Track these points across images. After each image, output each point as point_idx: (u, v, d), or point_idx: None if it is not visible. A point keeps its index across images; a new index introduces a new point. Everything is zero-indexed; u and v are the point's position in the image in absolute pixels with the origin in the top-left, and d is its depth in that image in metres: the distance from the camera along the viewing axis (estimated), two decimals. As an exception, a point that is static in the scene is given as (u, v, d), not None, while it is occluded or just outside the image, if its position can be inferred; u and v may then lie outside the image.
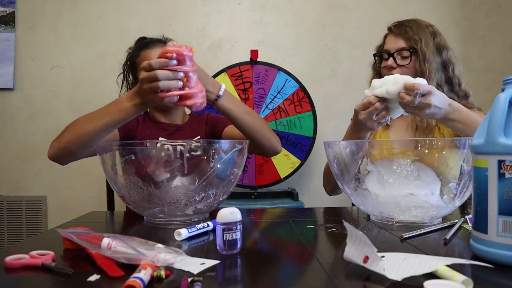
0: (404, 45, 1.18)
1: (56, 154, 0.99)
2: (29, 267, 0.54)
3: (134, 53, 1.27)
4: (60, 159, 1.01)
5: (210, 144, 0.85)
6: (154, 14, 1.97)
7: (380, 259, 0.48)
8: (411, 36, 1.17)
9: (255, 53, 1.79)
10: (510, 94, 0.54)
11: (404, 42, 1.18)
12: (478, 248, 0.55)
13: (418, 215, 0.79)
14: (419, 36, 1.17)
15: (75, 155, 1.00)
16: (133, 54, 1.27)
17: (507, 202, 0.51)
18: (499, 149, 0.52)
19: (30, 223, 1.94)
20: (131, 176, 0.82)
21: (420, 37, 1.17)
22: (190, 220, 0.84)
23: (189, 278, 0.47)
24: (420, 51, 1.15)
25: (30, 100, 1.96)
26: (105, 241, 0.55)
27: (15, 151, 1.94)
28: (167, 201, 0.82)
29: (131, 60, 1.28)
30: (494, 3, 2.04)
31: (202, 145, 0.84)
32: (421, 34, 1.17)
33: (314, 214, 0.96)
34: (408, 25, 1.20)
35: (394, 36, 1.20)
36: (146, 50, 1.23)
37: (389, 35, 1.23)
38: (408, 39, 1.17)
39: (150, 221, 0.86)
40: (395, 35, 1.20)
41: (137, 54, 1.25)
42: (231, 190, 0.90)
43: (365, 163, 0.86)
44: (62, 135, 1.00)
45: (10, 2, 1.95)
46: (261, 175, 1.80)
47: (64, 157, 1.00)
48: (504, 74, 1.93)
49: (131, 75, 1.30)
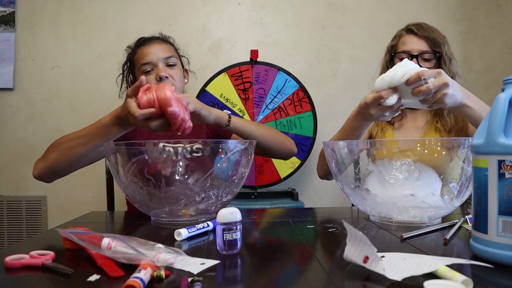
0: (428, 48, 1.17)
1: (42, 173, 1.01)
2: (29, 267, 0.54)
3: (132, 51, 1.27)
4: (46, 178, 1.03)
5: (209, 144, 0.85)
6: (154, 14, 1.97)
7: (380, 259, 0.48)
8: (435, 38, 1.16)
9: (255, 53, 1.79)
10: (510, 94, 0.54)
11: (427, 45, 1.17)
12: (478, 248, 0.55)
13: (416, 215, 0.79)
14: (441, 39, 1.17)
15: (62, 174, 1.02)
16: (131, 53, 1.27)
17: (507, 202, 0.51)
18: (499, 149, 0.52)
19: (30, 223, 1.94)
20: (132, 177, 0.82)
21: (442, 41, 1.17)
22: (197, 220, 0.83)
23: (189, 278, 0.47)
24: (445, 55, 1.15)
25: (30, 100, 1.96)
26: (105, 241, 0.55)
27: (15, 151, 1.95)
28: (167, 202, 0.82)
29: (130, 58, 1.27)
30: (494, 3, 2.04)
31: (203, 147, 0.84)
32: (442, 38, 1.17)
33: (314, 214, 0.96)
34: (427, 27, 1.19)
35: (416, 38, 1.18)
36: (142, 47, 1.21)
37: (409, 36, 1.20)
38: (433, 42, 1.16)
39: (156, 221, 0.86)
40: (418, 36, 1.18)
41: (134, 52, 1.24)
42: (236, 191, 0.89)
43: (366, 163, 0.86)
44: (47, 155, 1.01)
45: (10, 2, 1.95)
46: (261, 175, 1.80)
47: (51, 175, 1.02)
48: (504, 74, 1.93)
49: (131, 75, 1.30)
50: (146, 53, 1.18)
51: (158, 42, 1.23)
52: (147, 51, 1.19)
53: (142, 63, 1.18)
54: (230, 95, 1.78)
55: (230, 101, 1.78)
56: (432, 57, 1.17)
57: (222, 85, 1.78)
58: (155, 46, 1.20)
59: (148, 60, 1.17)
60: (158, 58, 1.18)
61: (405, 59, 0.87)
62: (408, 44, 1.19)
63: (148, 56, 1.18)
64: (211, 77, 1.78)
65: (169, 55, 1.20)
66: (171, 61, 1.20)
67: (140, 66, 1.19)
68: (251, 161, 0.91)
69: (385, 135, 1.27)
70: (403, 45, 1.20)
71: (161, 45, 1.22)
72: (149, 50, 1.19)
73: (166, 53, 1.20)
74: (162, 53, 1.19)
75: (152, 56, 1.17)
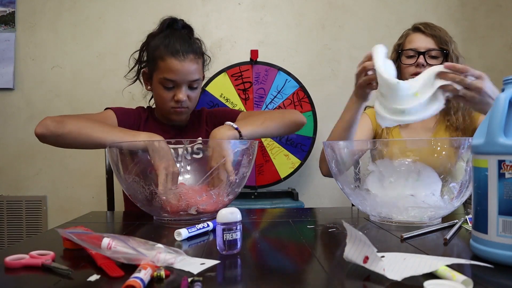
0: (435, 46, 1.18)
1: (47, 134, 0.97)
2: (29, 267, 0.54)
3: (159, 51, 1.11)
4: (46, 140, 0.98)
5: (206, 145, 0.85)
6: (154, 14, 1.96)
7: (380, 259, 0.48)
8: (442, 37, 1.18)
9: (255, 53, 1.79)
10: (510, 94, 0.54)
11: (434, 43, 1.18)
12: (478, 248, 0.55)
13: (416, 215, 0.79)
14: (449, 38, 1.19)
15: (64, 146, 0.99)
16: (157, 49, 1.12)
17: (507, 202, 0.51)
18: (499, 149, 0.52)
19: (30, 223, 1.94)
20: (134, 176, 0.82)
21: (449, 40, 1.18)
22: (199, 220, 0.83)
23: (189, 278, 0.47)
24: (453, 53, 1.16)
25: (30, 100, 1.95)
26: (105, 241, 0.55)
27: (15, 151, 1.94)
28: (168, 202, 0.82)
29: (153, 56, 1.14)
30: (494, 3, 2.04)
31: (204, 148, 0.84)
32: (448, 37, 1.19)
33: (314, 214, 0.96)
34: (434, 26, 1.21)
35: (423, 36, 1.19)
36: (174, 60, 1.08)
37: (416, 34, 1.22)
38: (439, 40, 1.18)
39: (159, 221, 0.86)
40: (425, 34, 1.19)
41: (163, 57, 1.10)
42: (238, 191, 0.89)
43: (366, 163, 0.86)
44: (63, 121, 0.97)
45: (10, 2, 1.95)
46: (261, 175, 1.80)
47: (52, 141, 0.98)
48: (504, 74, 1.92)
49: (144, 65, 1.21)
50: (175, 70, 1.08)
51: (191, 59, 1.10)
52: (177, 67, 1.08)
53: (167, 78, 1.09)
54: (230, 95, 1.78)
55: (230, 101, 1.78)
56: (439, 54, 1.18)
57: (222, 85, 1.78)
58: (185, 65, 1.09)
59: (174, 79, 1.09)
60: (184, 79, 1.10)
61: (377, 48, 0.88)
62: (415, 42, 1.20)
63: (175, 74, 1.09)
64: (211, 77, 1.78)
65: (196, 78, 1.12)
66: (195, 84, 1.14)
67: (162, 79, 1.10)
68: (253, 161, 0.91)
69: (392, 134, 1.26)
70: (410, 43, 1.22)
71: (193, 65, 1.11)
72: (179, 68, 1.08)
73: (195, 75, 1.12)
74: (190, 75, 1.10)
75: (179, 76, 1.09)
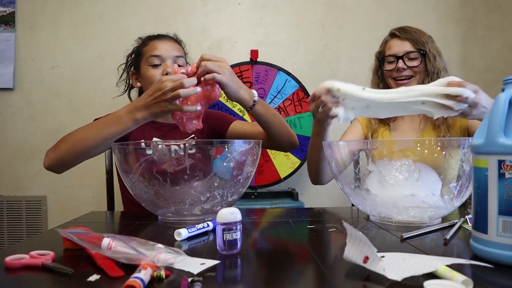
0: (412, 48, 1.22)
1: (53, 164, 1.02)
2: (29, 267, 0.54)
3: (142, 42, 1.26)
4: (56, 169, 1.03)
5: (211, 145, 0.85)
6: (154, 14, 1.97)
7: (380, 259, 0.48)
8: (418, 39, 1.21)
9: (255, 53, 1.79)
10: (510, 94, 0.54)
11: (411, 45, 1.22)
12: (478, 248, 0.55)
13: (416, 215, 0.79)
14: (424, 39, 1.22)
15: (72, 164, 1.03)
16: (141, 43, 1.26)
17: (507, 202, 0.51)
18: (499, 149, 0.52)
19: (30, 223, 1.94)
20: (139, 176, 0.82)
21: (426, 40, 1.22)
22: (204, 220, 0.82)
23: (189, 278, 0.47)
24: (429, 52, 1.19)
25: (30, 100, 1.95)
26: (105, 241, 0.55)
27: (15, 151, 1.94)
28: (172, 201, 0.82)
29: (138, 49, 1.27)
30: (494, 3, 2.04)
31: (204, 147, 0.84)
32: (425, 37, 1.22)
33: (314, 214, 0.96)
34: (409, 30, 1.24)
35: (400, 40, 1.23)
36: (155, 41, 1.22)
37: (393, 40, 1.26)
38: (415, 42, 1.21)
39: (163, 220, 0.86)
40: (401, 39, 1.23)
41: (145, 43, 1.24)
42: (242, 191, 0.89)
43: (365, 163, 0.86)
44: (58, 146, 1.01)
45: (10, 2, 1.95)
46: (261, 175, 1.80)
47: (61, 166, 1.03)
48: (504, 74, 1.93)
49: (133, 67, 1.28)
50: (158, 46, 1.20)
51: (171, 40, 1.25)
52: (159, 45, 1.20)
53: (152, 54, 1.19)
54: (230, 95, 1.78)
55: (230, 101, 1.78)
56: (417, 55, 1.21)
57: (222, 85, 1.78)
58: (168, 43, 1.22)
59: (159, 53, 1.18)
60: (168, 54, 1.19)
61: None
62: (393, 48, 1.24)
63: (159, 50, 1.19)
64: (211, 77, 1.78)
65: (179, 54, 1.22)
66: (180, 61, 1.21)
67: (148, 57, 1.19)
68: (257, 160, 0.91)
69: (382, 136, 1.27)
70: (389, 49, 1.26)
71: (174, 44, 1.24)
72: (161, 45, 1.20)
73: (177, 52, 1.22)
74: (173, 51, 1.20)
75: (163, 51, 1.19)
